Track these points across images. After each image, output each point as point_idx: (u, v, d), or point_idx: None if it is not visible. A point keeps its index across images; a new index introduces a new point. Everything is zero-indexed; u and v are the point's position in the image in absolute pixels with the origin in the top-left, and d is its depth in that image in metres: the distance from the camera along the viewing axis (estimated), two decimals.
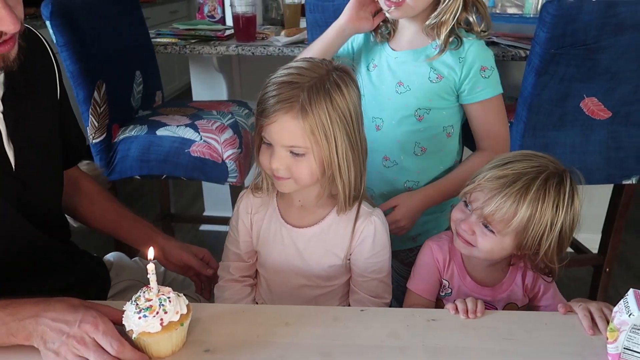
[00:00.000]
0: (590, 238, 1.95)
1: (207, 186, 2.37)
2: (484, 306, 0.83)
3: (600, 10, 1.26)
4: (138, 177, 1.61)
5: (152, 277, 0.71)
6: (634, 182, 1.60)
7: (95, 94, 1.48)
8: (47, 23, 1.37)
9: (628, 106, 1.45)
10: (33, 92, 0.88)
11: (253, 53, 1.74)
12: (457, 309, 0.82)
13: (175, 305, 0.72)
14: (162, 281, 1.18)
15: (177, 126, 1.56)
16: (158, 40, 1.83)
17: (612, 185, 1.74)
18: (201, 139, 1.53)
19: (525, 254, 0.89)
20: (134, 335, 0.70)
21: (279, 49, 1.71)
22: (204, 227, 2.44)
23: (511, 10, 2.04)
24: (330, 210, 0.96)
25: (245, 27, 1.79)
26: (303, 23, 1.81)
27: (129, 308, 0.71)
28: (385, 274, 0.99)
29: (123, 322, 0.71)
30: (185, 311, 0.73)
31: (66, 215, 1.05)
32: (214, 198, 2.38)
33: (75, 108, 1.48)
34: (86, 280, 1.04)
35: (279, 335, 0.69)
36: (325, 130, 0.84)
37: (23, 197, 0.85)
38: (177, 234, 2.30)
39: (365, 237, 0.95)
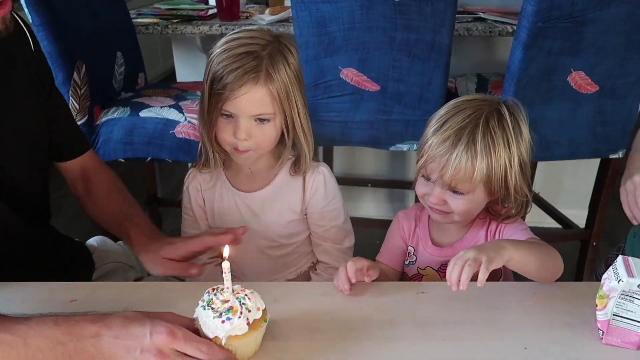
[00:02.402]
0: (577, 214, 1.97)
1: None
2: (366, 265, 0.81)
3: None
4: (122, 160, 1.58)
5: (227, 277, 0.65)
6: (620, 157, 1.60)
7: (75, 75, 1.44)
8: (22, 2, 1.33)
9: (614, 80, 1.45)
10: (8, 75, 0.84)
11: None
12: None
13: (255, 301, 0.66)
14: None
15: (161, 107, 1.53)
16: (139, 20, 1.78)
17: (598, 160, 1.75)
18: (186, 119, 1.50)
19: (496, 199, 0.89)
20: (223, 342, 0.64)
21: (263, 28, 1.68)
22: None
23: None
24: (278, 171, 0.99)
25: (228, 6, 1.75)
26: (288, 1, 1.78)
27: (205, 314, 0.64)
28: (343, 219, 1.04)
29: (202, 330, 0.65)
30: (264, 306, 0.68)
31: None
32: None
33: None
34: (67, 264, 1.02)
35: (268, 312, 0.68)
36: (287, 92, 0.88)
37: None
38: (165, 219, 2.28)
39: (317, 188, 0.99)
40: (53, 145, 0.96)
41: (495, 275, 0.95)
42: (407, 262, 0.99)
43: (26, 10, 1.34)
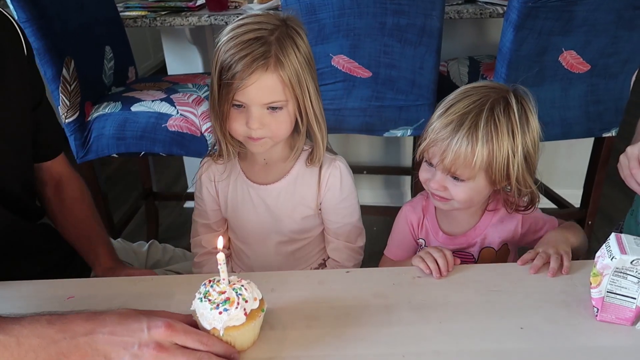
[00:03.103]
0: (572, 193, 1.98)
1: (189, 162, 2.34)
2: (452, 254, 0.82)
3: None
4: (116, 156, 1.57)
5: (222, 268, 0.65)
6: (613, 135, 1.61)
7: (64, 71, 1.43)
8: None
9: (605, 58, 1.44)
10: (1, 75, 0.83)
11: (226, 23, 1.69)
12: (428, 268, 0.80)
13: (252, 291, 0.66)
14: (145, 262, 1.16)
15: (152, 101, 1.52)
16: (127, 13, 1.76)
17: (592, 140, 1.75)
18: (178, 112, 1.49)
19: (499, 189, 0.88)
20: (221, 333, 0.63)
21: None
22: (189, 204, 2.42)
23: None
24: (294, 163, 0.96)
25: None
26: None
27: (202, 306, 0.64)
28: (357, 217, 1.02)
29: (200, 322, 0.65)
30: (261, 296, 0.68)
31: None
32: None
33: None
34: (65, 261, 1.02)
35: (266, 301, 0.68)
36: (299, 77, 0.85)
37: None
38: (162, 213, 2.28)
39: (333, 183, 0.96)
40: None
41: (505, 259, 0.96)
42: None
43: (11, 6, 1.32)
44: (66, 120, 1.48)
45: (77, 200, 1.03)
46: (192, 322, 0.66)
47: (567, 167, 2.16)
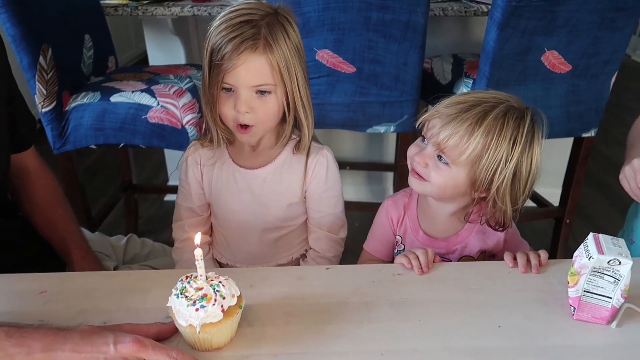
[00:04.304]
0: (551, 192, 2.00)
1: (170, 155, 2.31)
2: (434, 253, 0.83)
3: None
4: (94, 147, 1.54)
5: (200, 264, 0.63)
6: (592, 135, 1.63)
7: (41, 59, 1.39)
8: None
9: (587, 59, 1.46)
10: None
11: (210, 14, 1.66)
12: (411, 264, 0.81)
13: (230, 288, 0.65)
14: (123, 256, 1.14)
15: (133, 92, 1.49)
16: (107, 1, 1.72)
17: (572, 139, 1.77)
18: (158, 104, 1.47)
19: (477, 195, 0.86)
20: (197, 330, 0.62)
21: None
22: (169, 197, 2.39)
23: None
24: (282, 150, 0.97)
25: None
26: None
27: (178, 302, 0.63)
28: (340, 209, 1.03)
29: (176, 319, 0.64)
30: (239, 292, 0.67)
31: None
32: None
33: (20, 76, 1.40)
34: (43, 255, 1.00)
35: (244, 298, 0.67)
36: (287, 63, 0.86)
37: None
38: (142, 206, 2.25)
39: (319, 171, 0.98)
40: None
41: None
42: (395, 251, 0.98)
43: None
44: (43, 110, 1.44)
45: (49, 194, 1.01)
46: (158, 331, 0.65)
47: (546, 166, 2.15)
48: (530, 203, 2.01)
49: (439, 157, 0.84)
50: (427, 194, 0.89)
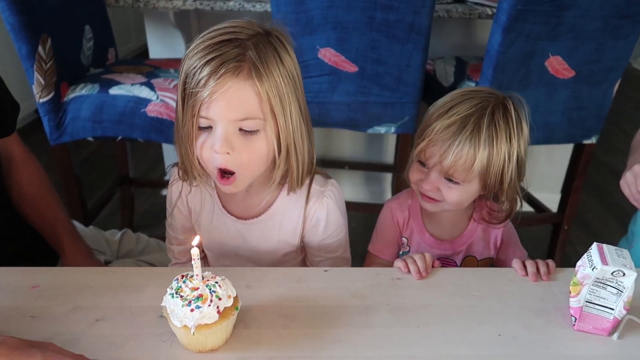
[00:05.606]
0: (550, 197, 2.00)
1: (167, 149, 2.29)
2: (432, 258, 0.82)
3: None
4: (91, 139, 1.52)
5: (196, 264, 0.62)
6: (593, 142, 1.62)
7: (40, 48, 1.37)
8: None
9: (590, 65, 1.45)
10: None
11: (212, 8, 1.64)
12: (408, 268, 0.80)
13: (227, 289, 0.64)
14: (117, 251, 1.13)
15: (132, 85, 1.47)
16: None
17: (572, 146, 1.77)
18: (158, 98, 1.45)
19: (484, 196, 0.89)
20: (192, 331, 0.61)
21: (240, 4, 1.63)
22: (166, 191, 2.37)
23: None
24: (279, 192, 0.84)
25: None
26: None
27: (173, 302, 0.61)
28: (342, 251, 0.91)
29: (170, 320, 0.62)
30: (235, 293, 0.65)
31: None
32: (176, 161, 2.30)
33: (18, 64, 1.38)
34: (34, 248, 0.98)
35: (240, 299, 0.66)
36: (280, 95, 0.70)
37: None
38: (138, 200, 2.23)
39: (319, 220, 0.86)
40: None
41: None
42: (401, 253, 0.98)
43: None
44: (40, 100, 1.42)
45: (35, 181, 0.99)
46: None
47: (546, 171, 2.17)
48: (528, 208, 2.00)
49: (448, 179, 0.85)
50: (444, 210, 0.90)
